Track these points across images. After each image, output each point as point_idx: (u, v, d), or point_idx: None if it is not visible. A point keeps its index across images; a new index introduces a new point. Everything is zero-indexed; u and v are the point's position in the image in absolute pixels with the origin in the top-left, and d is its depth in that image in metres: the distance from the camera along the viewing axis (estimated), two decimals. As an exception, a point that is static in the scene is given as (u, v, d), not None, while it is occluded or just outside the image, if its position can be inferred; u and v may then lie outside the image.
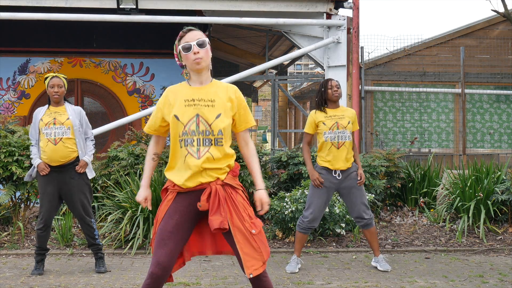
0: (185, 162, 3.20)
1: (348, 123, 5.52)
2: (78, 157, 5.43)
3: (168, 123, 3.29)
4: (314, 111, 5.64)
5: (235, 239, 3.17)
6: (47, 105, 5.54)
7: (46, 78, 5.49)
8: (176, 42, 3.31)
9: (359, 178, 5.52)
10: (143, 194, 3.42)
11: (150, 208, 3.47)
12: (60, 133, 5.35)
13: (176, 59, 3.35)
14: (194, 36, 3.23)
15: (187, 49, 3.22)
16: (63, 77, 5.51)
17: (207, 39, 3.27)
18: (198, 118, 3.20)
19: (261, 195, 3.31)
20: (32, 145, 5.49)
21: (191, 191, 3.23)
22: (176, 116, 3.22)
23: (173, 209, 3.24)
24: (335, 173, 5.51)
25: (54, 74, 5.49)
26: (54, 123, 5.36)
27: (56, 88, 5.43)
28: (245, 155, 3.42)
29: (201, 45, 3.22)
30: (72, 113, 5.47)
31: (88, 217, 5.49)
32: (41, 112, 5.48)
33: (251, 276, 3.15)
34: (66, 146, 5.36)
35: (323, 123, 5.50)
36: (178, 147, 3.24)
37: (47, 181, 5.39)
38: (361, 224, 5.57)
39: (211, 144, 3.19)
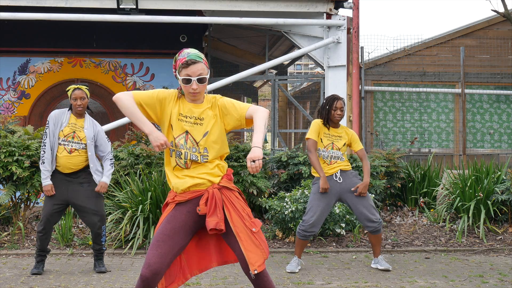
0: (174, 170, 3.34)
1: (343, 145, 5.56)
2: (88, 165, 5.44)
3: (147, 113, 3.30)
4: (320, 121, 5.60)
5: (237, 237, 3.23)
6: (68, 111, 5.47)
7: (68, 90, 5.46)
8: (177, 60, 3.32)
9: (357, 189, 5.50)
10: (161, 134, 3.20)
11: (170, 146, 3.28)
12: (77, 146, 5.39)
13: (174, 70, 3.37)
14: (197, 71, 3.26)
15: (187, 81, 3.27)
16: (85, 88, 5.47)
17: (207, 74, 3.31)
18: (187, 135, 3.31)
19: (253, 151, 3.10)
20: (44, 152, 5.34)
21: (190, 199, 3.31)
22: (171, 126, 3.32)
23: (171, 216, 3.33)
24: (336, 176, 5.51)
25: (76, 86, 5.45)
26: (73, 137, 5.39)
27: (79, 101, 5.40)
28: (254, 119, 3.28)
29: (201, 80, 3.28)
30: (89, 127, 5.47)
31: (99, 223, 5.46)
32: (63, 120, 5.41)
33: (255, 272, 3.18)
34: (80, 155, 5.40)
35: (321, 139, 5.53)
36: (169, 153, 3.36)
37: (56, 186, 5.39)
38: (371, 230, 5.52)
39: (198, 160, 3.30)
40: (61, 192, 5.39)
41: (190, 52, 3.30)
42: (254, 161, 3.07)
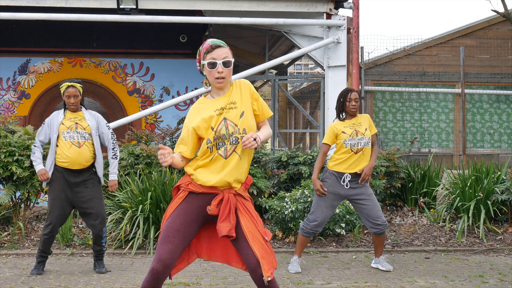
0: (211, 160, 3.27)
1: (366, 130, 5.55)
2: (94, 163, 5.41)
3: (199, 137, 3.32)
4: (334, 123, 5.62)
5: (251, 243, 3.22)
6: (62, 110, 5.46)
7: (62, 86, 5.42)
8: (201, 50, 3.33)
9: (362, 176, 5.47)
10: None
11: (166, 158, 3.20)
12: (83, 137, 5.34)
13: (198, 64, 3.39)
14: (222, 54, 3.27)
15: (212, 65, 3.26)
16: (79, 86, 5.43)
17: (232, 59, 3.32)
18: (226, 121, 3.27)
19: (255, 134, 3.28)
20: (35, 146, 5.42)
21: (204, 193, 3.30)
22: (212, 128, 3.27)
23: (182, 208, 3.31)
24: (343, 181, 5.49)
25: (69, 84, 5.38)
26: (76, 128, 5.34)
27: (72, 99, 5.36)
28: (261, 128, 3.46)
29: (226, 64, 3.27)
30: (90, 117, 5.45)
31: (101, 225, 5.45)
32: (59, 117, 5.39)
33: (269, 279, 3.17)
34: (90, 150, 5.36)
35: (343, 131, 5.51)
36: (207, 151, 3.29)
37: (62, 188, 5.35)
38: (375, 232, 5.52)
39: (237, 143, 3.27)
40: (67, 195, 5.36)
41: (214, 39, 3.35)
42: (254, 139, 3.17)
